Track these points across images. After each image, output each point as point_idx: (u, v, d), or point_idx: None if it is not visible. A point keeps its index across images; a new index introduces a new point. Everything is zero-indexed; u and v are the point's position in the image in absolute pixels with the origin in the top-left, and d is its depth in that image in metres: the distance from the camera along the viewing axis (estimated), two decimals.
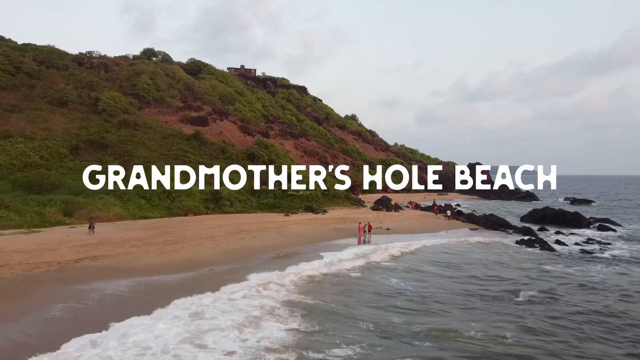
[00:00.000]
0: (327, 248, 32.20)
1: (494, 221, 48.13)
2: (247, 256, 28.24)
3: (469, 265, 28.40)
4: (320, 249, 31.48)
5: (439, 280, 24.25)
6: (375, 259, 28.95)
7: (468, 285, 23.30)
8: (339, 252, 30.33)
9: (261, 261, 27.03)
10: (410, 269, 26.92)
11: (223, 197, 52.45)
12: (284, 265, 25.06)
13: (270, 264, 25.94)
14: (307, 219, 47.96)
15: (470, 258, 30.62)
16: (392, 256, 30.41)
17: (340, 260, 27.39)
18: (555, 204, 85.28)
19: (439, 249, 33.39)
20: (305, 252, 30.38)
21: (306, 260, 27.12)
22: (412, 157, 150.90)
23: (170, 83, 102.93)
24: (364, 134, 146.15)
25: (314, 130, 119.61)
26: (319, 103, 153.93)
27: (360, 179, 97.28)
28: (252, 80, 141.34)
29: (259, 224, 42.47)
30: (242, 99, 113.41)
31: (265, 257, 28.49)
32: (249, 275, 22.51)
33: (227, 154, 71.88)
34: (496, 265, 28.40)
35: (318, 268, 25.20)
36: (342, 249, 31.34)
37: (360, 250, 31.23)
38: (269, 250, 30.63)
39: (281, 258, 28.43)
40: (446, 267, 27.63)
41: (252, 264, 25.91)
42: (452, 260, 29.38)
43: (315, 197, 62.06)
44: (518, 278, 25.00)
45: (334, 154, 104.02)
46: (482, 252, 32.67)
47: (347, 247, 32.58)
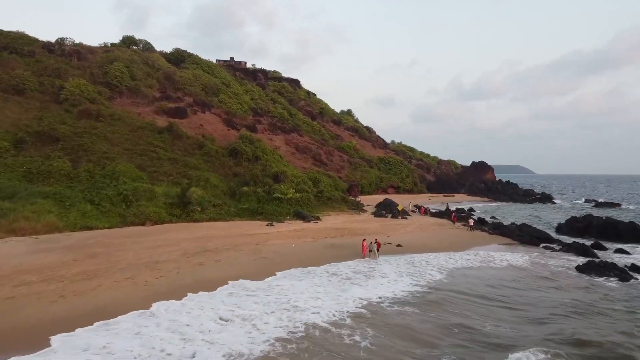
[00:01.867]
0: (319, 278, 22.56)
1: (531, 234, 38.34)
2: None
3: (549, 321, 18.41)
4: (309, 280, 21.85)
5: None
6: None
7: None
8: (339, 291, 20.66)
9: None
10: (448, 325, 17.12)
11: (192, 201, 42.50)
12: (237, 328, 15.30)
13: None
14: (296, 230, 38.15)
15: (535, 303, 20.76)
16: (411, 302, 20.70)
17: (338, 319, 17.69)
18: (577, 208, 75.99)
19: (480, 286, 23.41)
20: (285, 289, 20.64)
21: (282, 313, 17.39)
22: (411, 155, 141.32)
23: (148, 72, 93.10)
24: (360, 130, 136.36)
25: (307, 125, 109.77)
26: (312, 97, 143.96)
27: (358, 179, 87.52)
28: (241, 72, 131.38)
29: (232, 239, 32.63)
30: (228, 91, 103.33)
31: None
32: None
33: (205, 149, 61.93)
34: (593, 324, 17.60)
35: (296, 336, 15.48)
36: (342, 289, 21.59)
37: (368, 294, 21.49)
38: (232, 285, 20.88)
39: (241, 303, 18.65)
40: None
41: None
42: (507, 316, 19.36)
43: (307, 201, 52.28)
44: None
45: (329, 150, 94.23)
46: (545, 290, 22.73)
47: (348, 287, 22.79)
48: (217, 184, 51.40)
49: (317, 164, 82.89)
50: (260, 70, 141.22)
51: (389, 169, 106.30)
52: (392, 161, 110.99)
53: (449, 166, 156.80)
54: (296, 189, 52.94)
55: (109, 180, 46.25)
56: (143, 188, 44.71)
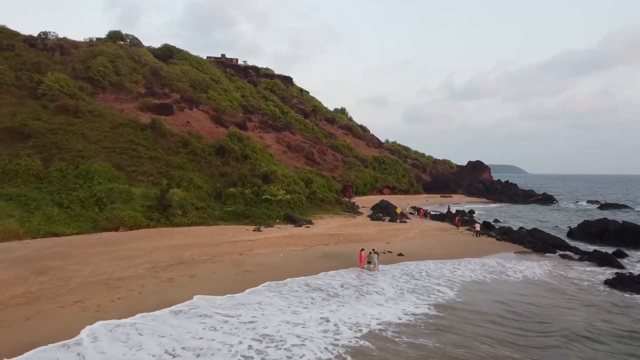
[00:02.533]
0: (307, 295, 19.03)
1: (544, 240, 34.94)
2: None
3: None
4: (293, 299, 18.33)
5: None
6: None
7: None
8: (331, 313, 17.14)
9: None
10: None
11: (172, 204, 38.78)
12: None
13: None
14: (285, 237, 34.58)
15: (575, 329, 17.29)
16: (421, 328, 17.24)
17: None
18: (582, 210, 73.01)
19: (501, 308, 19.88)
20: (262, 311, 17.08)
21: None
22: (406, 155, 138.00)
23: (134, 67, 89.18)
24: (354, 128, 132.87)
25: (300, 123, 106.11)
26: (305, 95, 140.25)
27: (352, 179, 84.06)
28: (232, 68, 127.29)
29: (212, 247, 29.01)
30: (218, 87, 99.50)
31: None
32: None
33: (191, 147, 58.15)
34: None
35: None
36: (335, 311, 18.07)
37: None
38: (195, 305, 17.29)
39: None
40: None
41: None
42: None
43: (298, 203, 48.72)
44: None
45: (322, 149, 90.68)
46: (577, 310, 19.32)
47: (342, 308, 19.31)
48: (201, 184, 47.72)
49: (310, 163, 79.36)
50: (251, 67, 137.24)
51: (384, 168, 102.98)
52: (387, 161, 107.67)
53: (445, 166, 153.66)
54: (287, 190, 49.38)
55: (83, 180, 42.49)
56: (119, 189, 40.98)
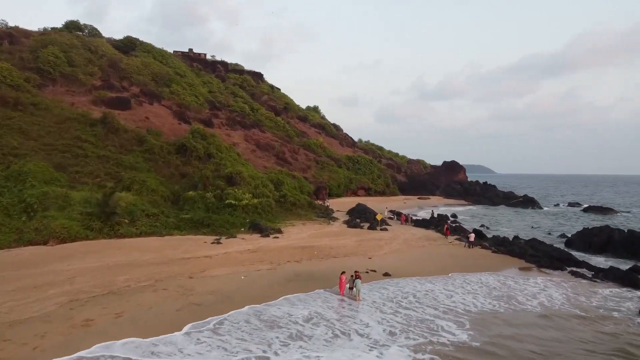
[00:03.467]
0: (262, 340, 14.07)
1: (548, 253, 30.74)
2: None
3: None
4: (240, 348, 13.36)
5: None
6: None
7: None
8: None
9: None
10: None
11: (117, 211, 33.03)
12: None
13: None
14: (249, 251, 29.41)
15: None
16: None
17: None
18: (567, 214, 70.26)
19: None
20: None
21: None
22: (381, 155, 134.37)
23: (90, 58, 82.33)
24: (327, 127, 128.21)
25: (270, 121, 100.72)
26: (276, 92, 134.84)
27: (326, 180, 79.31)
28: (199, 62, 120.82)
29: (159, 267, 23.65)
30: (182, 81, 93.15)
31: None
32: None
33: (147, 145, 52.19)
34: None
35: None
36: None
37: None
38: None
39: None
40: None
41: None
42: None
43: (267, 208, 43.53)
44: None
45: (294, 148, 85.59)
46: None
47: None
48: (156, 187, 41.94)
49: (281, 163, 74.20)
50: (220, 62, 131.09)
51: (358, 168, 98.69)
52: (361, 160, 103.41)
53: (419, 166, 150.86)
54: (254, 194, 44.15)
55: (13, 183, 36.26)
56: (55, 193, 34.96)
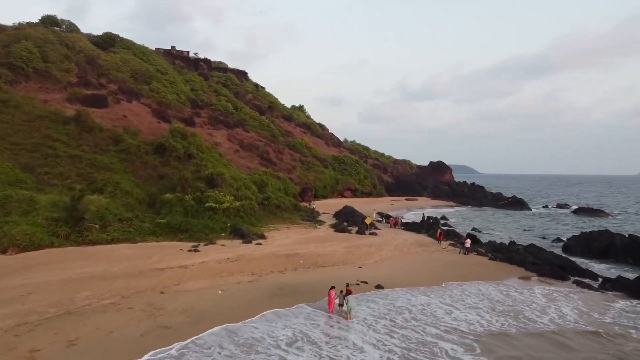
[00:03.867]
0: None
1: (549, 261, 28.98)
2: None
3: None
4: None
5: None
6: None
7: None
8: None
9: None
10: None
11: (86, 216, 30.57)
12: None
13: None
14: (229, 260, 27.25)
15: None
16: None
17: None
18: (557, 216, 69.29)
19: None
20: None
21: None
22: (367, 155, 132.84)
23: (66, 54, 79.11)
24: (313, 126, 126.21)
25: (255, 120, 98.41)
26: (261, 90, 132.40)
27: (312, 180, 77.32)
28: (181, 60, 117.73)
29: (126, 280, 21.39)
30: (163, 79, 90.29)
31: None
32: None
33: (123, 144, 49.60)
34: None
35: None
36: None
37: None
38: None
39: None
40: None
41: None
42: None
43: (250, 211, 41.36)
44: None
45: (278, 148, 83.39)
46: None
47: None
48: (131, 189, 39.47)
49: (265, 163, 71.97)
50: (203, 59, 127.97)
51: (345, 169, 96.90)
52: (347, 160, 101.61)
53: (405, 166, 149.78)
54: (236, 196, 41.94)
55: None
56: (19, 196, 32.39)
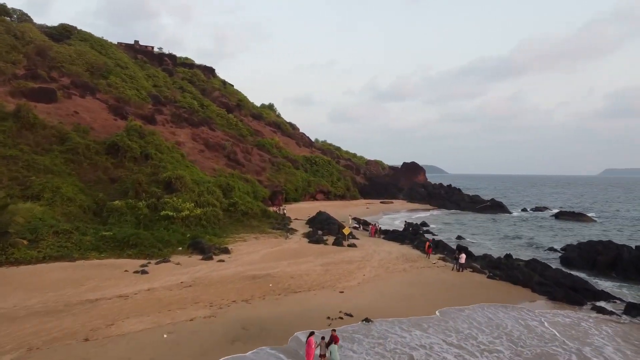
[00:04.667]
0: None
1: (557, 280, 24.98)
2: None
3: None
4: None
5: None
6: None
7: None
8: None
9: None
10: None
11: (10, 229, 25.35)
12: None
13: None
14: (183, 285, 22.58)
15: None
16: None
17: None
18: (537, 218, 67.07)
19: None
20: None
21: None
22: (339, 155, 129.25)
23: (13, 44, 72.35)
24: (283, 125, 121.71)
25: (222, 118, 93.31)
26: (229, 87, 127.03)
27: (282, 183, 72.93)
28: (144, 55, 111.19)
29: (42, 320, 16.67)
30: (123, 73, 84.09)
31: None
32: None
33: (70, 143, 44.01)
34: None
35: None
36: None
37: None
38: None
39: None
40: None
41: None
42: None
43: (213, 220, 36.68)
44: None
45: (247, 148, 78.61)
46: None
47: None
48: (74, 195, 34.19)
49: (232, 164, 67.16)
50: (167, 54, 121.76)
51: (317, 170, 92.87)
52: (319, 161, 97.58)
53: (378, 167, 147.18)
54: (197, 202, 37.23)
55: None
56: None
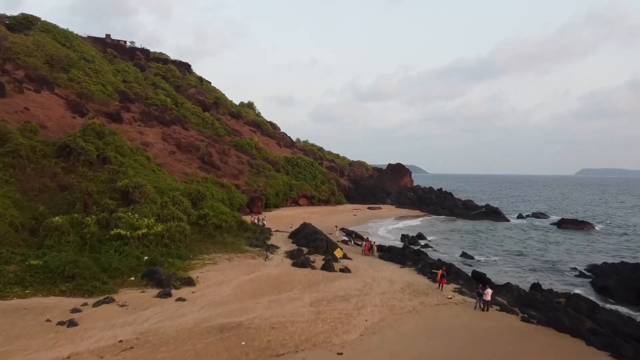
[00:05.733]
0: None
1: (617, 328, 19.32)
2: None
3: None
4: None
5: None
6: None
7: None
8: None
9: None
10: None
11: None
12: None
13: None
14: (118, 345, 16.50)
15: None
16: None
17: None
18: (540, 227, 62.59)
19: None
20: None
21: None
22: (322, 156, 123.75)
23: None
24: (263, 125, 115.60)
25: (197, 117, 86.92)
26: (206, 85, 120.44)
27: (262, 187, 67.07)
28: (114, 48, 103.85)
29: None
30: (87, 67, 76.99)
31: None
32: None
33: (11, 144, 37.46)
34: None
35: None
36: None
37: None
38: None
39: None
40: None
41: None
42: None
43: (178, 237, 30.62)
44: None
45: (224, 149, 72.47)
46: None
47: None
48: (3, 210, 27.80)
49: (207, 167, 61.03)
50: (140, 49, 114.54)
51: (299, 172, 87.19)
52: (301, 163, 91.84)
53: (362, 168, 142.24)
54: (160, 216, 31.20)
55: None
56: None
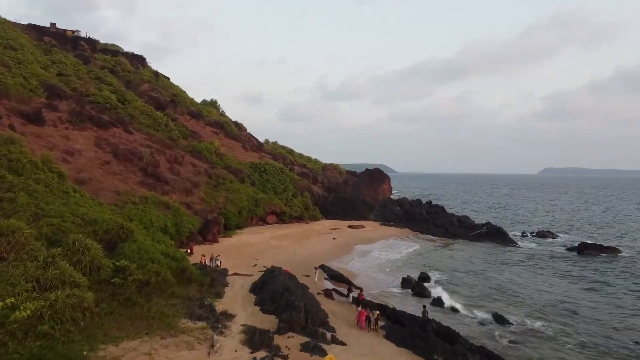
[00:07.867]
0: None
1: None
2: None
3: None
4: None
5: None
6: None
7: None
8: None
9: None
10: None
11: None
12: None
13: None
14: None
15: None
16: None
17: None
18: (559, 256, 52.80)
19: None
20: None
21: None
22: (292, 160, 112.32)
23: None
24: (227, 125, 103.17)
25: (147, 117, 74.22)
26: (163, 80, 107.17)
27: (221, 204, 55.28)
28: (52, 36, 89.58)
29: None
30: (6, 55, 63.26)
31: None
32: None
33: None
34: None
35: None
36: None
37: None
38: None
39: None
40: None
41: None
42: None
43: (71, 313, 18.81)
44: None
45: (176, 156, 60.15)
46: None
47: None
48: None
49: (150, 181, 48.80)
50: (86, 38, 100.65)
51: (267, 180, 75.75)
52: (269, 169, 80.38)
53: (335, 172, 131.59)
54: (40, 283, 19.34)
55: None
56: None
